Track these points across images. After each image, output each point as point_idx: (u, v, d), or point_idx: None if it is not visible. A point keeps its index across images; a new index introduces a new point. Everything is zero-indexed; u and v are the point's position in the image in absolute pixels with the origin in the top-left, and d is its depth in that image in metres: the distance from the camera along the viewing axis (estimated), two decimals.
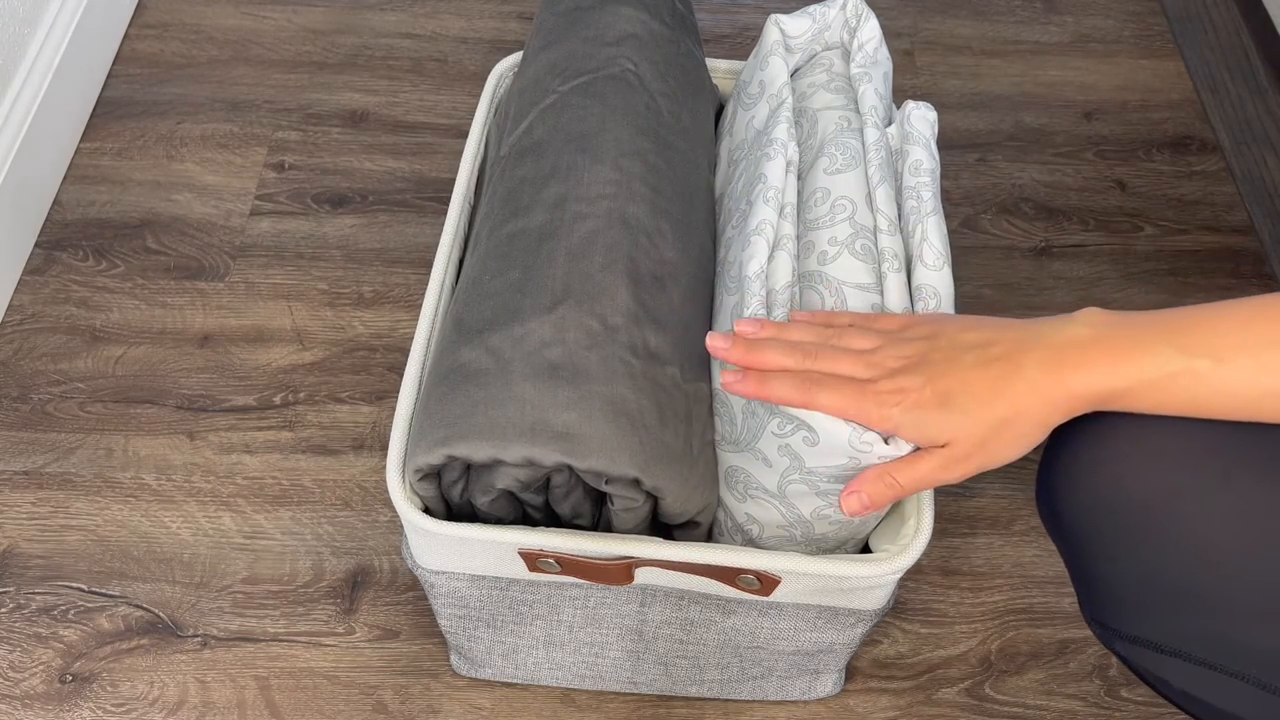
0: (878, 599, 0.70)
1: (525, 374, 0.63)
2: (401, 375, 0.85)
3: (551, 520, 0.69)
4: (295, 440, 0.99)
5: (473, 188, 0.81)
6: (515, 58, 0.87)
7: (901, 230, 0.68)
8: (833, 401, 0.55)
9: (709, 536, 0.72)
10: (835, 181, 0.70)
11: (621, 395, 0.62)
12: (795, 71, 0.81)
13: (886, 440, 0.60)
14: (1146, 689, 0.88)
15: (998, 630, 0.91)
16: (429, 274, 0.79)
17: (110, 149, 1.18)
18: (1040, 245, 1.15)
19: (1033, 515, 0.97)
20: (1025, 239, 1.15)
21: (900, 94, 1.25)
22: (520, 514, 0.68)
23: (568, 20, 0.81)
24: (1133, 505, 0.53)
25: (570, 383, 0.62)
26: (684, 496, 0.65)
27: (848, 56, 0.79)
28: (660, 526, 0.69)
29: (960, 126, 1.25)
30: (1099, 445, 0.54)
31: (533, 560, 0.67)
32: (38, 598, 0.90)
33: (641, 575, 0.69)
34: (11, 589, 0.90)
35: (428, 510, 0.67)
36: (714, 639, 0.76)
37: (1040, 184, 1.20)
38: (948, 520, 0.96)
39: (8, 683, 0.86)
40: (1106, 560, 0.55)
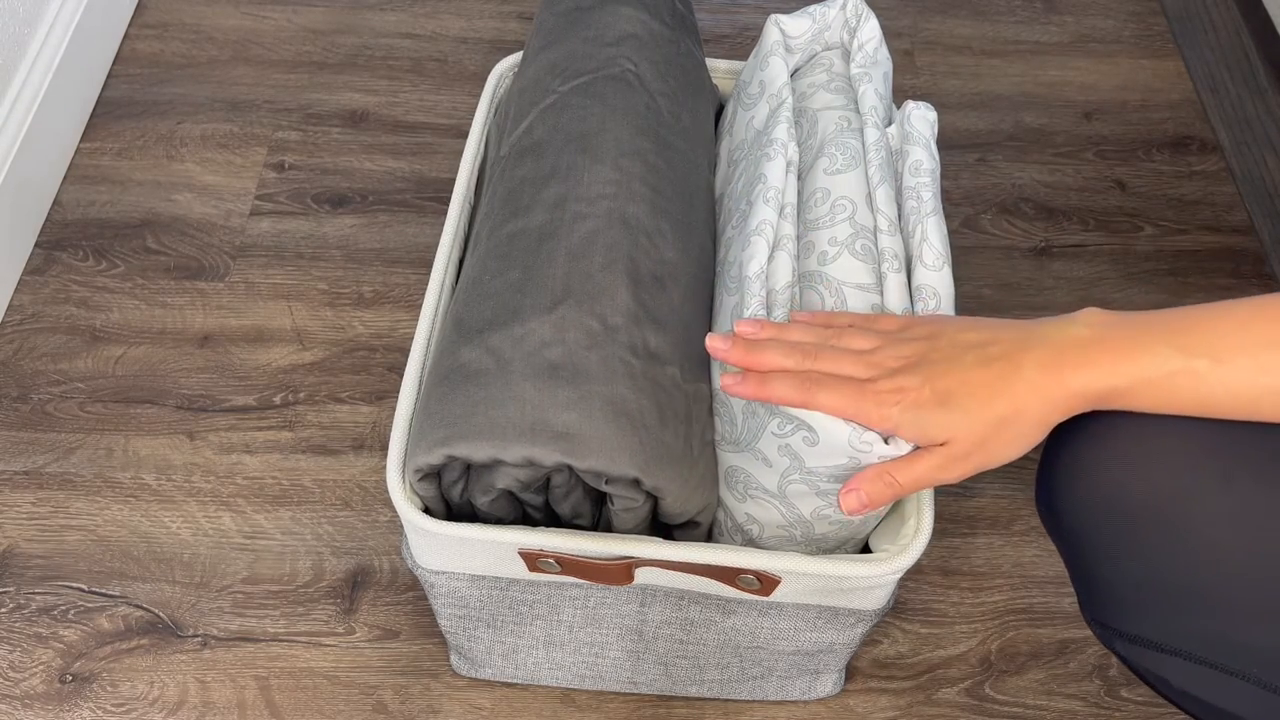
0: (878, 599, 0.70)
1: (525, 374, 0.63)
2: (401, 375, 0.85)
3: (551, 520, 0.69)
4: (295, 440, 0.99)
5: (473, 188, 0.81)
6: (515, 58, 0.87)
7: (901, 230, 0.68)
8: (832, 401, 0.56)
9: (709, 536, 0.72)
10: (835, 181, 0.70)
11: (621, 395, 0.62)
12: (795, 71, 0.81)
13: (886, 440, 0.60)
14: (1146, 689, 0.88)
15: (998, 630, 0.91)
16: (429, 274, 0.79)
17: (110, 149, 1.18)
18: (1040, 245, 1.15)
19: (1033, 515, 0.97)
20: (1025, 239, 1.15)
21: (900, 94, 1.25)
22: (520, 514, 0.68)
23: (568, 20, 0.81)
24: (1133, 505, 0.53)
25: (570, 383, 0.62)
26: (684, 496, 0.65)
27: (848, 56, 0.79)
28: (660, 526, 0.69)
29: (960, 126, 1.25)
30: (1099, 445, 0.54)
31: (533, 560, 0.67)
32: (38, 598, 0.90)
33: (641, 575, 0.69)
34: (11, 589, 0.90)
35: (428, 510, 0.67)
36: (714, 639, 0.76)
37: (1040, 184, 1.20)
38: (948, 520, 0.96)
39: (8, 683, 0.86)
40: (1107, 560, 0.55)
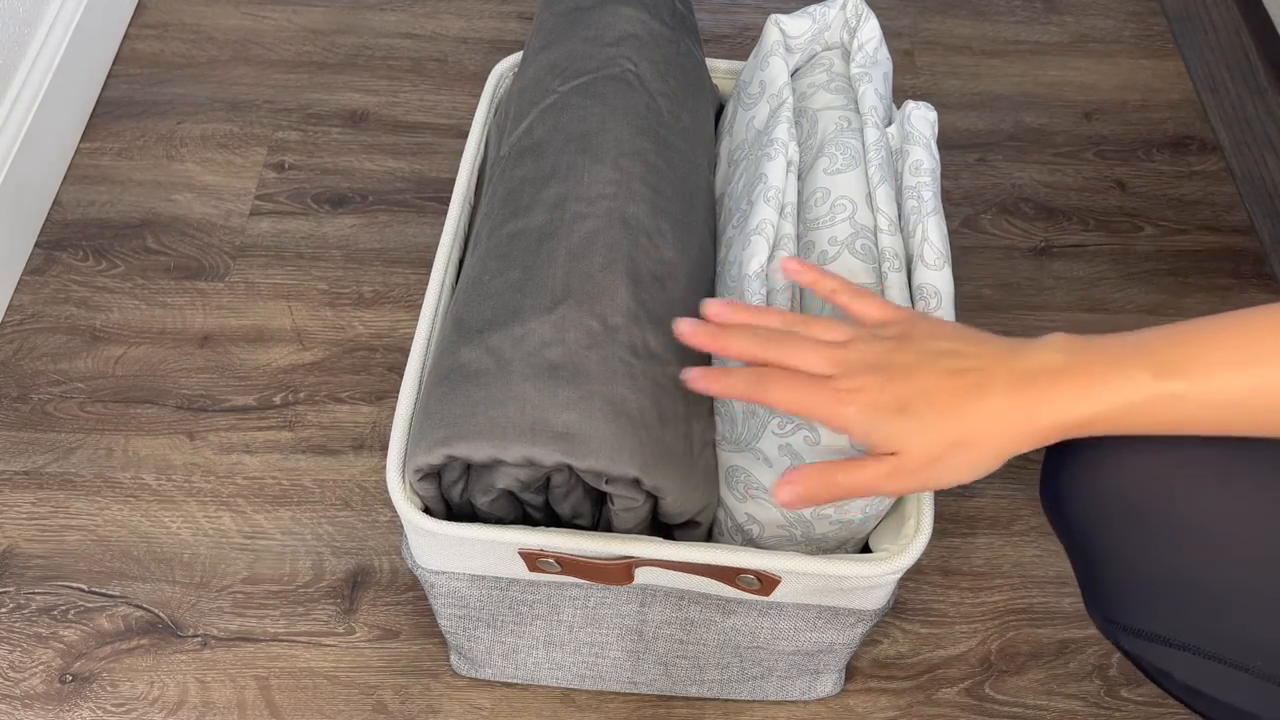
0: (878, 599, 0.70)
1: (525, 374, 0.63)
2: (401, 375, 0.85)
3: (551, 520, 0.69)
4: (295, 440, 0.99)
5: (473, 188, 0.81)
6: (515, 58, 0.87)
7: (902, 230, 0.68)
8: (786, 396, 0.53)
9: (709, 536, 0.72)
10: (835, 181, 0.70)
11: (621, 395, 0.62)
12: (795, 71, 0.81)
13: None
14: (1147, 689, 0.88)
15: (998, 630, 0.91)
16: (429, 274, 0.79)
17: (110, 149, 1.18)
18: (1040, 245, 1.15)
19: (1033, 515, 0.97)
20: (1025, 239, 1.15)
21: (900, 94, 1.25)
22: (520, 514, 0.68)
23: (568, 20, 0.81)
24: (1138, 500, 0.52)
25: (570, 383, 0.62)
26: (684, 496, 0.65)
27: (848, 56, 0.79)
28: (660, 526, 0.69)
29: (960, 126, 1.25)
30: (1104, 441, 0.53)
31: (533, 560, 0.67)
32: (38, 598, 0.90)
33: (641, 575, 0.69)
34: (11, 589, 0.90)
35: (428, 510, 0.67)
36: (714, 639, 0.76)
37: (1040, 184, 1.20)
38: (948, 520, 0.96)
39: (8, 683, 0.86)
40: (1111, 555, 0.54)
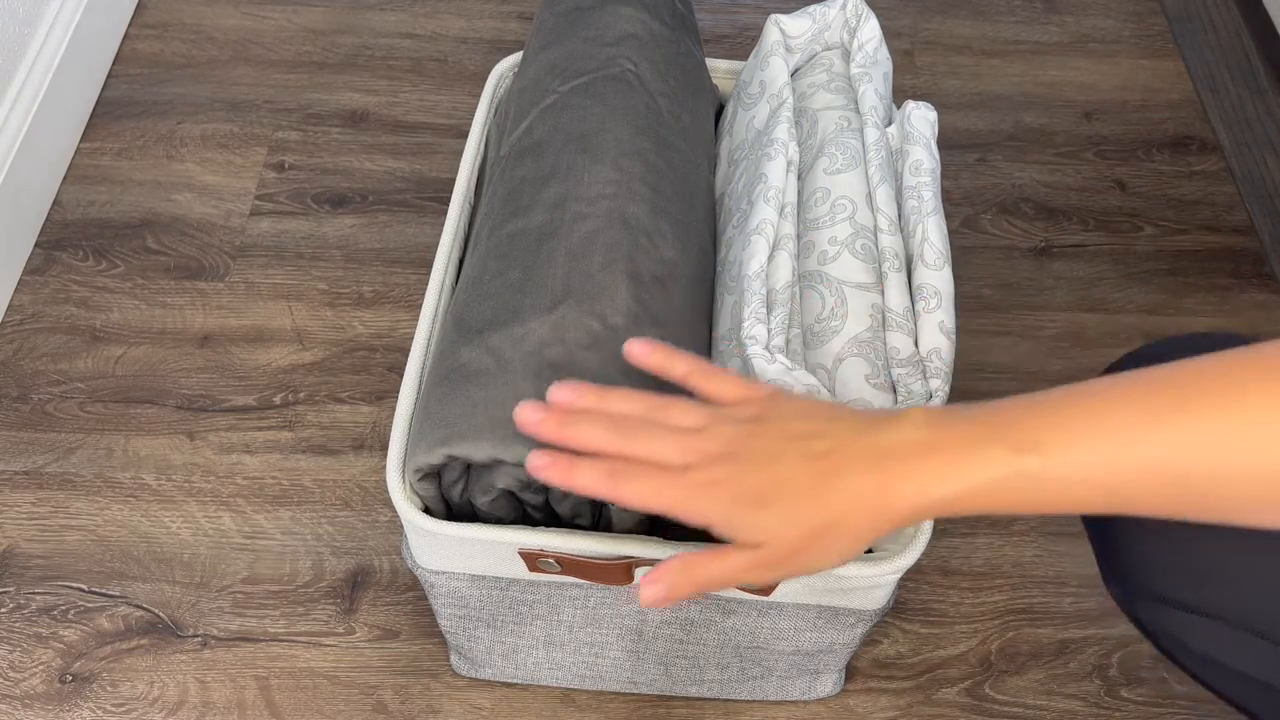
0: (878, 599, 0.70)
1: (525, 374, 0.63)
2: (401, 375, 0.85)
3: (551, 520, 0.69)
4: (295, 440, 0.99)
5: (473, 188, 0.81)
6: (515, 58, 0.87)
7: (902, 230, 0.69)
8: (640, 493, 0.50)
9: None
10: (835, 181, 0.70)
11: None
12: (795, 71, 0.81)
13: None
14: (1147, 689, 0.88)
15: (998, 630, 0.91)
16: (429, 274, 0.79)
17: (110, 149, 1.18)
18: (1040, 245, 1.15)
19: (1033, 515, 0.97)
20: (1025, 239, 1.15)
21: (900, 94, 1.25)
22: (520, 514, 0.68)
23: (568, 20, 0.81)
24: None
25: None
26: None
27: (848, 56, 0.79)
28: (660, 526, 0.69)
29: (960, 126, 1.25)
30: None
31: (533, 560, 0.67)
32: (38, 598, 0.89)
33: (641, 575, 0.69)
34: (11, 589, 0.90)
35: (428, 510, 0.67)
36: (714, 639, 0.76)
37: (1040, 184, 1.20)
38: (948, 520, 0.96)
39: (8, 683, 0.85)
40: (1131, 521, 0.53)
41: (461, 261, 0.77)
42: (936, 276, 0.65)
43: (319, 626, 0.89)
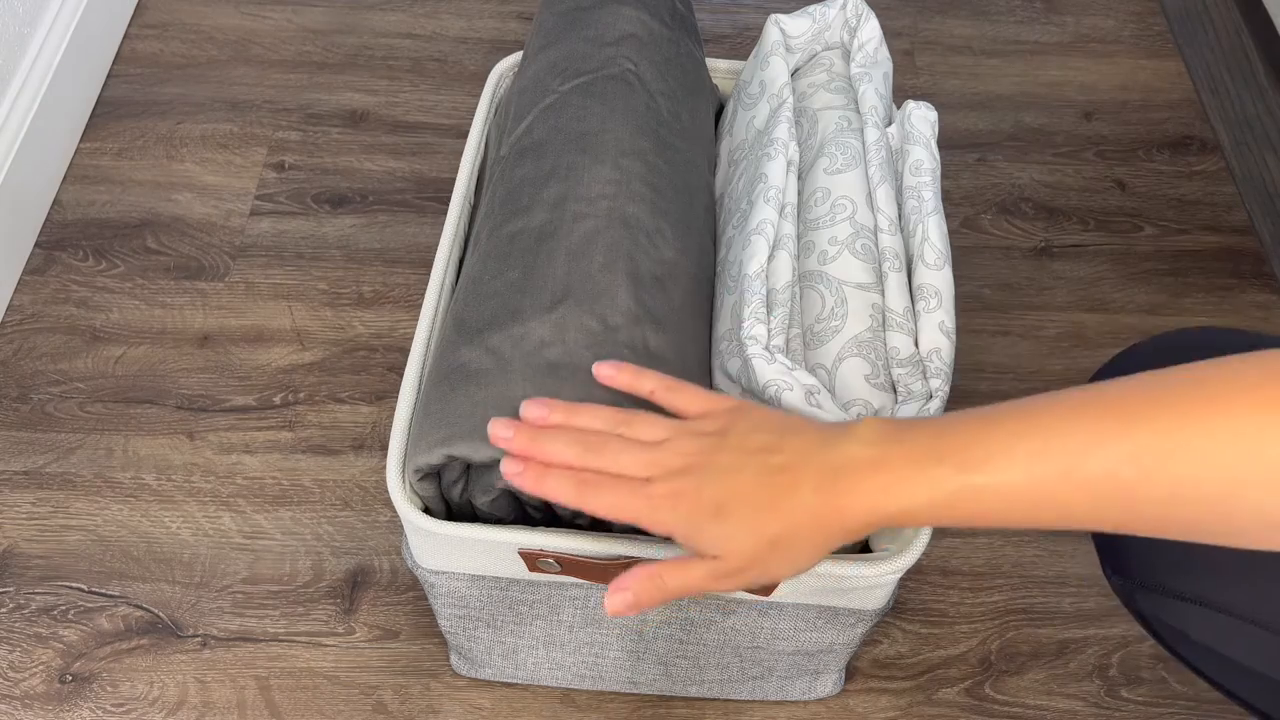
0: (878, 599, 0.70)
1: (525, 374, 0.63)
2: (401, 375, 0.85)
3: (551, 520, 0.69)
4: (295, 440, 0.99)
5: (473, 188, 0.81)
6: (515, 58, 0.87)
7: (902, 230, 0.69)
8: (606, 504, 0.53)
9: None
10: (835, 181, 0.70)
11: (622, 395, 0.62)
12: (795, 71, 0.81)
13: None
14: (1147, 689, 0.88)
15: (998, 630, 0.91)
16: (429, 274, 0.79)
17: (110, 149, 1.18)
18: (1040, 245, 1.15)
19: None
20: (1025, 239, 1.15)
21: (900, 94, 1.25)
22: (520, 514, 0.68)
23: (568, 20, 0.81)
24: None
25: (570, 382, 0.62)
26: None
27: (848, 56, 0.79)
28: None
29: (960, 126, 1.25)
30: None
31: (533, 560, 0.67)
32: (38, 598, 0.89)
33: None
34: (11, 589, 0.90)
35: (428, 510, 0.67)
36: (714, 639, 0.76)
37: (1040, 184, 1.20)
38: None
39: (8, 683, 0.86)
40: None
41: (461, 261, 0.77)
42: (936, 276, 0.65)
43: (319, 626, 0.89)
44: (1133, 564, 0.56)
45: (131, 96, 1.23)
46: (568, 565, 0.67)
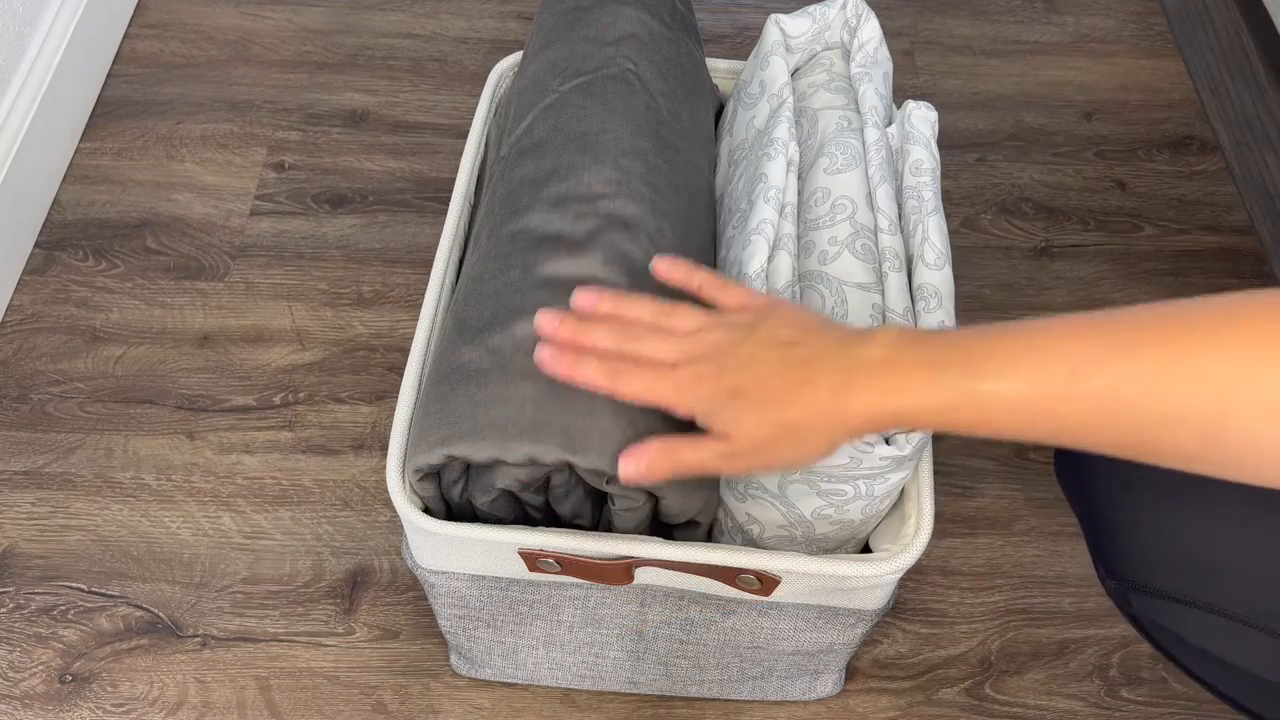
0: (878, 599, 0.70)
1: (526, 373, 0.63)
2: (401, 375, 0.85)
3: (551, 520, 0.69)
4: (295, 440, 0.99)
5: (473, 188, 0.81)
6: (515, 58, 0.87)
7: (902, 230, 0.68)
8: (635, 388, 0.56)
9: (709, 536, 0.71)
10: (836, 181, 0.70)
11: None
12: (795, 71, 0.81)
13: (888, 440, 0.60)
14: (1147, 689, 0.88)
15: (998, 630, 0.91)
16: (429, 274, 0.79)
17: (110, 149, 1.18)
18: (1040, 245, 1.15)
19: (1033, 515, 0.97)
20: (1025, 239, 1.15)
21: (900, 94, 1.25)
22: (520, 514, 0.68)
23: (568, 20, 0.81)
24: (1155, 471, 0.52)
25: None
26: (684, 496, 0.65)
27: (848, 56, 0.79)
28: (660, 526, 0.69)
29: (960, 126, 1.25)
30: None
31: (533, 560, 0.67)
32: (38, 598, 0.89)
33: (641, 575, 0.69)
34: (11, 589, 0.90)
35: (428, 510, 0.67)
36: (714, 639, 0.76)
37: (1040, 184, 1.20)
38: (948, 520, 0.96)
39: (8, 683, 0.85)
40: (1127, 515, 0.54)
41: (461, 261, 0.77)
42: (936, 276, 0.65)
43: (319, 626, 0.89)
44: (1125, 566, 0.56)
45: (131, 96, 1.23)
46: (568, 565, 0.67)
